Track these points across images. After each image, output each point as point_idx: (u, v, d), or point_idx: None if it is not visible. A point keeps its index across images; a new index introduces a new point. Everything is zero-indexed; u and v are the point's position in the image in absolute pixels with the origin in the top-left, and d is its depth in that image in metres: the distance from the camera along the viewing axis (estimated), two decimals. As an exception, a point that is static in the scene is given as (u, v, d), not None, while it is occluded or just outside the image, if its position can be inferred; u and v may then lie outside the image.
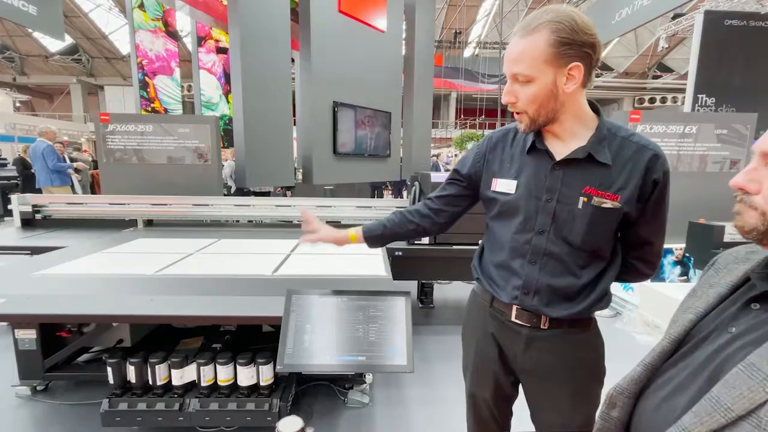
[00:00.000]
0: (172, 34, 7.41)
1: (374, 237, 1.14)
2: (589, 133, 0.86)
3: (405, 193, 9.94)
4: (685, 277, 3.05)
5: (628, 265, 0.96)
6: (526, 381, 0.99)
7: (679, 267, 3.06)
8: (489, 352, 1.01)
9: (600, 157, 0.85)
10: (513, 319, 0.95)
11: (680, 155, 3.50)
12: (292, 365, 1.11)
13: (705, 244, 2.47)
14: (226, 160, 6.97)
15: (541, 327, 0.93)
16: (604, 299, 0.93)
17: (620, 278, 0.98)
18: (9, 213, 3.02)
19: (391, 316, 1.20)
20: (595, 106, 0.91)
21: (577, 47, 0.79)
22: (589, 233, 0.86)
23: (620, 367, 0.91)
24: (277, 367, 1.10)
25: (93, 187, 7.26)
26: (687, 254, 3.00)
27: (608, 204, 0.84)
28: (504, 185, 0.94)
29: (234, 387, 1.59)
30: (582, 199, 0.86)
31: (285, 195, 5.08)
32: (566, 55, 0.79)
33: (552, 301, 0.91)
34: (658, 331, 2.63)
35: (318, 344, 1.15)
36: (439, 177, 2.47)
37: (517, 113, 0.88)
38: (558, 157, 0.88)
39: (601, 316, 2.45)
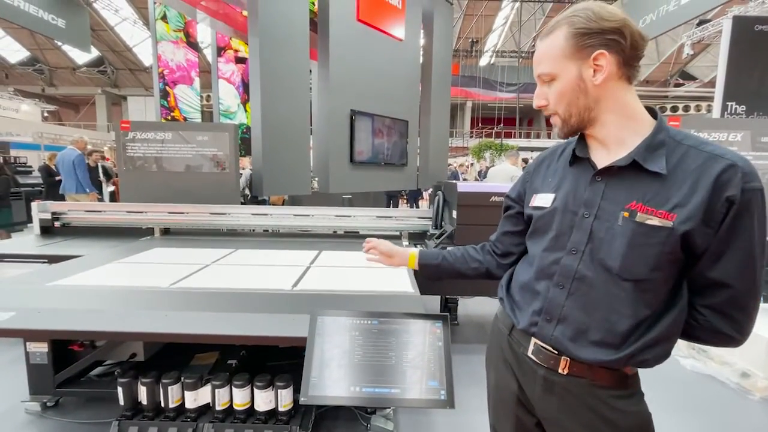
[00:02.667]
0: (193, 44, 7.54)
1: (430, 266, 1.05)
2: (642, 139, 0.74)
3: (421, 203, 9.81)
4: (731, 296, 2.82)
5: (698, 318, 0.73)
6: (550, 431, 0.85)
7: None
8: (507, 384, 0.89)
9: (650, 165, 0.70)
10: (529, 354, 0.82)
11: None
12: (317, 397, 0.99)
13: (757, 260, 2.27)
14: (244, 169, 7.00)
15: (559, 371, 0.78)
16: (652, 350, 0.72)
17: (693, 336, 0.76)
18: (32, 219, 3.02)
19: (427, 342, 1.07)
20: (653, 111, 0.78)
21: (597, 35, 0.71)
22: (628, 257, 0.70)
23: (665, 395, 0.75)
24: (301, 398, 0.98)
25: (114, 196, 7.38)
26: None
27: (655, 221, 0.68)
28: (541, 199, 0.85)
29: (250, 411, 1.48)
30: (623, 214, 0.71)
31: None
32: (588, 45, 0.72)
33: (579, 336, 0.75)
34: (705, 355, 2.42)
35: (345, 373, 1.03)
36: (467, 187, 2.35)
37: (552, 117, 0.82)
38: (600, 166, 0.76)
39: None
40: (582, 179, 0.79)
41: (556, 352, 0.78)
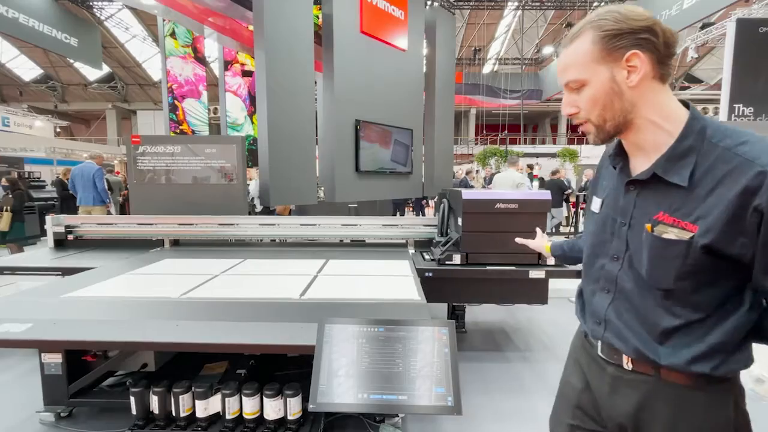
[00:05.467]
0: (201, 59, 7.71)
1: (558, 256, 1.21)
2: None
3: (427, 210, 9.81)
4: None
5: None
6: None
7: None
8: (573, 381, 0.90)
9: (671, 177, 0.68)
10: (599, 352, 0.83)
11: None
12: (325, 404, 1.00)
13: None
14: (252, 180, 7.09)
15: (624, 366, 0.77)
16: (712, 359, 0.69)
17: (765, 339, 0.73)
18: (46, 233, 3.10)
19: (433, 348, 1.08)
20: (688, 105, 0.73)
21: (629, 36, 0.68)
22: (651, 268, 0.71)
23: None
24: (310, 405, 0.99)
25: (124, 207, 7.50)
26: None
27: (671, 234, 0.68)
28: (595, 203, 0.87)
29: (260, 420, 1.49)
30: (647, 226, 0.72)
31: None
32: (619, 47, 0.69)
33: (627, 336, 0.76)
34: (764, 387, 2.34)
35: (353, 380, 1.04)
36: (472, 194, 2.36)
37: (582, 125, 0.77)
38: (634, 174, 0.76)
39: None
40: (620, 185, 0.79)
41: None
